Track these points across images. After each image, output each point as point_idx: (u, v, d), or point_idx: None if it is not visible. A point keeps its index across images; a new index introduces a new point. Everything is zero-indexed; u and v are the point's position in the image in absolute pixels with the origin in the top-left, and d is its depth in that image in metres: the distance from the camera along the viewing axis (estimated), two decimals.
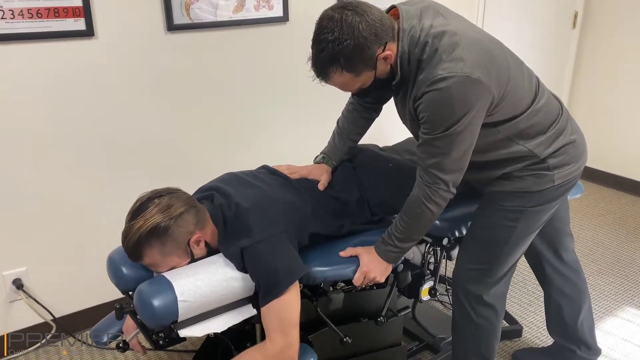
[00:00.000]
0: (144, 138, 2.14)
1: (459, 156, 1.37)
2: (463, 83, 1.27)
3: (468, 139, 1.35)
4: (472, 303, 1.64)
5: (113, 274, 1.46)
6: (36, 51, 1.84)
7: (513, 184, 1.50)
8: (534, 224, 1.57)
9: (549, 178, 1.49)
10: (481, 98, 1.30)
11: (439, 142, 1.34)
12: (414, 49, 1.34)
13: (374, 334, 1.74)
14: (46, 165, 1.97)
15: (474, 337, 1.69)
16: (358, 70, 1.32)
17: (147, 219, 1.33)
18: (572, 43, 3.57)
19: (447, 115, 1.30)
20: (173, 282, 1.30)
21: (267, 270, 1.34)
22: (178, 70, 2.14)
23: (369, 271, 1.50)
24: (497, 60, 1.36)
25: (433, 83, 1.28)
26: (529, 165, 1.48)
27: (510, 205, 1.52)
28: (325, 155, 1.73)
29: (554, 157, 1.48)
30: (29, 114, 1.89)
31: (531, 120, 1.45)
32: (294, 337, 1.35)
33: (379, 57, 1.32)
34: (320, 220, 1.53)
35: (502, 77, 1.35)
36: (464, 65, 1.27)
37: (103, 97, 2.00)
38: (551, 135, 1.48)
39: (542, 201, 1.52)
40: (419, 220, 1.46)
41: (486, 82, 1.29)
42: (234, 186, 1.54)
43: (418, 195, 1.43)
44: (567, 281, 1.84)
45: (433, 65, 1.29)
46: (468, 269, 1.63)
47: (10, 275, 2.01)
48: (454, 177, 1.40)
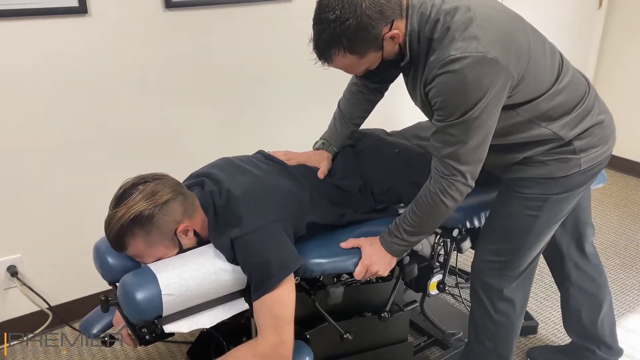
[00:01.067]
0: (140, 122, 2.05)
1: (477, 144, 1.26)
2: (478, 63, 1.16)
3: (486, 125, 1.24)
4: (492, 298, 1.55)
5: (98, 264, 1.39)
6: (25, 29, 1.76)
7: (535, 170, 1.39)
8: (558, 213, 1.46)
9: (575, 162, 1.38)
10: (498, 79, 1.19)
11: (455, 130, 1.23)
12: (424, 27, 1.23)
13: (378, 330, 1.65)
14: (40, 150, 1.90)
15: (491, 334, 1.60)
16: (362, 52, 1.23)
17: (130, 206, 1.25)
18: (598, 24, 3.40)
19: (462, 100, 1.20)
20: (157, 275, 1.21)
21: (259, 262, 1.26)
22: (176, 50, 2.04)
23: (372, 264, 1.41)
24: (516, 37, 1.25)
25: (445, 65, 1.18)
26: (553, 148, 1.37)
27: (533, 193, 1.42)
28: (325, 141, 1.64)
29: (580, 139, 1.37)
30: (19, 97, 1.82)
31: (554, 101, 1.33)
32: (288, 334, 1.27)
33: (385, 37, 1.22)
34: (319, 209, 1.44)
35: (521, 55, 1.24)
36: (479, 44, 1.16)
37: (97, 78, 1.92)
38: (577, 115, 1.36)
39: (567, 188, 1.41)
40: (433, 215, 1.37)
41: (504, 62, 1.18)
42: (226, 172, 1.46)
43: (434, 188, 1.32)
44: (587, 276, 1.73)
45: (445, 45, 1.19)
46: (487, 262, 1.53)
47: (4, 262, 1.96)
48: (473, 169, 1.29)
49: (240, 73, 2.21)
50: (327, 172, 1.56)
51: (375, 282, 1.59)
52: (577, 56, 3.40)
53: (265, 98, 2.31)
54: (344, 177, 1.55)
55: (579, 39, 3.39)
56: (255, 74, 2.25)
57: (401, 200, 1.57)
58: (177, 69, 2.06)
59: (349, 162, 1.59)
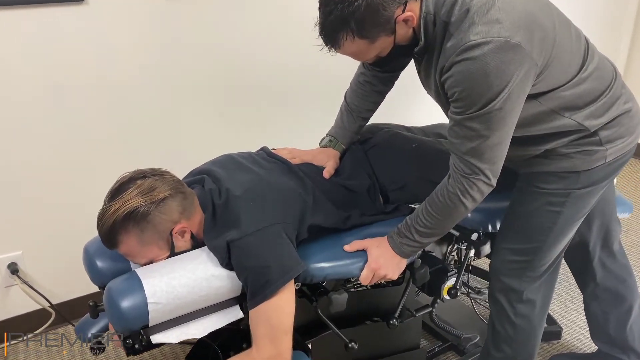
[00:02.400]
0: (140, 115, 1.98)
1: (499, 139, 1.16)
2: (501, 49, 1.06)
3: (509, 117, 1.14)
4: (511, 300, 1.45)
5: (87, 267, 1.34)
6: (19, 18, 1.69)
7: (557, 163, 1.30)
8: (581, 208, 1.36)
9: (601, 154, 1.28)
10: (522, 66, 1.10)
11: (475, 123, 1.13)
12: (441, 9, 1.14)
13: (387, 337, 1.55)
14: (41, 146, 1.85)
15: (511, 339, 1.50)
16: (373, 36, 1.13)
17: (125, 201, 1.18)
18: (631, 9, 3.22)
19: (483, 90, 1.10)
20: (143, 281, 1.14)
21: (257, 267, 1.17)
22: (177, 41, 1.96)
23: (379, 268, 1.31)
24: (541, 20, 1.14)
25: (464, 51, 1.08)
26: (577, 139, 1.27)
27: (554, 189, 1.32)
28: (332, 138, 1.54)
29: (606, 129, 1.27)
30: (15, 89, 1.76)
31: (579, 88, 1.23)
32: (286, 346, 1.19)
33: (398, 20, 1.12)
34: (322, 211, 1.35)
35: (546, 40, 1.14)
36: (501, 28, 1.07)
37: (94, 69, 1.85)
38: (603, 103, 1.26)
39: (591, 182, 1.31)
40: (450, 216, 1.27)
41: (527, 48, 1.09)
42: (227, 170, 1.38)
43: (453, 188, 1.22)
44: (615, 276, 1.61)
45: (464, 30, 1.09)
46: (507, 262, 1.44)
47: (5, 260, 1.92)
48: (495, 166, 1.20)
49: (245, 65, 2.12)
50: (334, 172, 1.47)
51: (385, 286, 1.49)
52: (608, 43, 3.24)
53: (272, 92, 2.22)
54: (352, 176, 1.46)
55: (611, 24, 3.22)
56: (261, 66, 2.16)
57: (417, 198, 1.46)
58: (178, 60, 1.98)
59: (358, 161, 1.50)
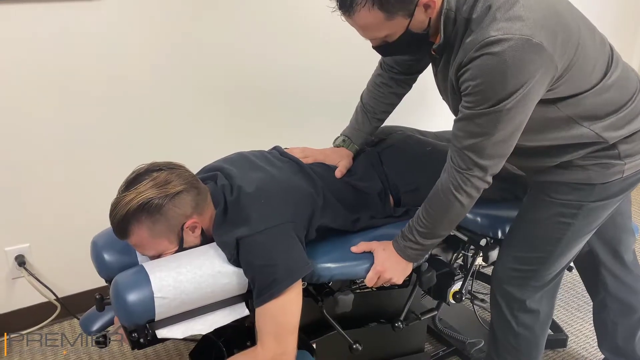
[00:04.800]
0: (153, 110, 1.99)
1: (503, 138, 1.14)
2: (521, 48, 1.04)
3: (518, 118, 1.12)
4: (514, 309, 1.42)
5: (95, 260, 1.35)
6: (34, 13, 1.70)
7: (572, 174, 1.27)
8: (592, 221, 1.33)
9: (618, 168, 1.24)
10: (541, 68, 1.07)
11: (483, 120, 1.11)
12: (462, 6, 1.11)
13: (391, 339, 1.55)
14: (49, 139, 1.86)
15: (513, 349, 1.47)
16: (391, 10, 1.09)
17: (139, 192, 1.19)
18: None
19: (498, 87, 1.07)
20: (151, 276, 1.14)
21: (265, 266, 1.18)
22: (192, 38, 1.97)
23: (385, 270, 1.31)
24: (566, 21, 1.12)
25: (484, 46, 1.05)
26: (594, 152, 1.24)
27: (567, 200, 1.29)
28: (346, 138, 1.53)
29: (626, 143, 1.24)
30: (27, 83, 1.77)
31: (601, 97, 1.20)
32: (290, 345, 1.19)
33: (420, 2, 1.09)
34: (331, 212, 1.35)
35: (570, 42, 1.11)
36: (524, 26, 1.04)
37: (107, 63, 1.86)
38: (625, 115, 1.22)
39: (605, 195, 1.28)
40: (446, 213, 1.25)
41: (549, 49, 1.06)
42: (239, 167, 1.38)
43: (446, 182, 1.21)
44: (626, 287, 1.58)
45: (485, 26, 1.07)
46: (511, 270, 1.41)
47: (12, 252, 1.93)
48: (494, 164, 1.17)
49: (256, 65, 2.12)
50: (347, 174, 1.46)
51: (390, 288, 1.48)
52: (623, 44, 3.16)
53: (283, 92, 2.22)
54: (364, 178, 1.45)
55: (624, 25, 3.18)
56: (275, 64, 2.15)
57: None
58: (189, 57, 1.99)
59: (371, 163, 1.50)
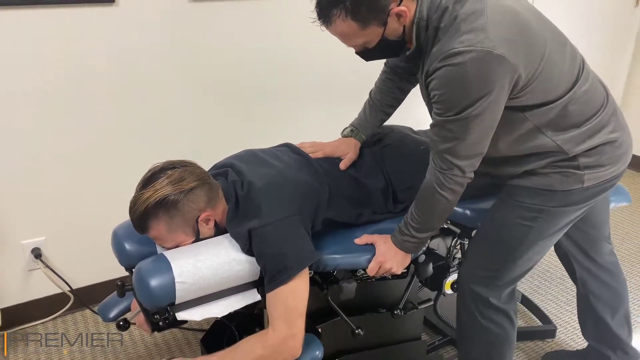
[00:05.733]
0: (163, 111, 2.08)
1: (475, 141, 1.21)
2: (483, 59, 1.09)
3: (487, 122, 1.18)
4: (479, 306, 1.47)
5: (116, 250, 1.42)
6: (56, 17, 1.79)
7: (535, 180, 1.33)
8: (553, 226, 1.38)
9: (577, 178, 1.30)
10: (504, 77, 1.13)
11: (453, 126, 1.18)
12: (433, 15, 1.17)
13: (391, 327, 1.64)
14: (65, 137, 1.94)
15: (482, 343, 1.53)
16: (365, 21, 1.16)
17: (156, 189, 1.27)
18: (634, 23, 3.30)
19: (461, 96, 1.14)
20: (172, 262, 1.23)
21: (275, 254, 1.26)
22: (199, 42, 2.06)
23: (385, 261, 1.40)
24: (531, 33, 1.17)
25: (447, 57, 1.11)
26: (555, 161, 1.29)
27: (530, 203, 1.35)
28: (354, 129, 1.60)
29: (587, 156, 1.29)
30: (47, 81, 1.85)
31: (567, 109, 1.25)
32: (299, 327, 1.28)
33: (392, 12, 1.16)
34: (336, 206, 1.43)
35: (534, 54, 1.17)
36: (486, 38, 1.09)
37: (122, 65, 1.95)
38: (587, 130, 1.27)
39: (566, 202, 1.34)
40: (434, 209, 1.33)
41: (511, 60, 1.11)
42: (248, 164, 1.46)
43: (430, 182, 1.29)
44: (602, 284, 1.67)
45: (450, 36, 1.12)
46: (476, 269, 1.47)
47: (29, 245, 2.01)
48: (471, 162, 1.25)
49: (264, 66, 2.21)
50: (353, 167, 1.53)
51: (390, 279, 1.58)
52: (611, 56, 3.31)
53: (291, 91, 2.31)
54: (369, 175, 1.52)
55: (614, 38, 3.28)
56: (280, 67, 2.24)
57: None
58: (200, 60, 2.07)
59: (376, 160, 1.56)
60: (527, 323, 2.13)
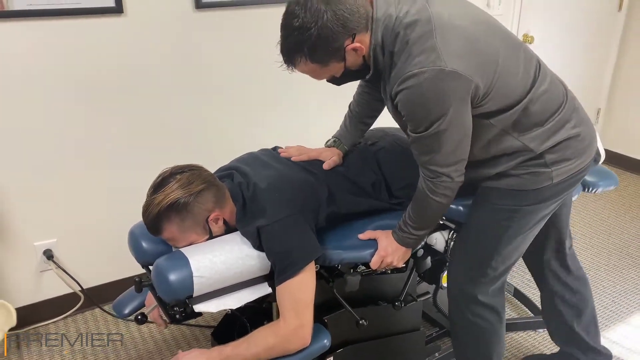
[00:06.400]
0: (171, 116, 2.16)
1: (451, 149, 1.28)
2: (436, 77, 1.17)
3: (456, 132, 1.26)
4: (468, 303, 1.56)
5: (133, 248, 1.49)
6: (67, 27, 1.87)
7: (508, 181, 1.40)
8: (529, 222, 1.46)
9: (547, 175, 1.37)
10: (460, 90, 1.20)
11: (426, 140, 1.27)
12: (387, 40, 1.24)
13: (392, 318, 1.73)
14: (75, 143, 2.01)
15: (472, 338, 1.62)
16: (324, 61, 1.26)
17: (167, 193, 1.35)
18: (617, 27, 3.41)
19: (424, 114, 1.22)
20: (189, 258, 1.31)
21: (282, 250, 1.35)
22: (206, 49, 2.14)
23: (387, 255, 1.48)
24: (480, 46, 1.24)
25: (404, 81, 1.20)
26: (524, 161, 1.36)
27: (504, 204, 1.43)
28: (336, 140, 1.68)
29: (552, 152, 1.36)
30: (59, 87, 1.93)
31: (528, 110, 1.32)
32: (307, 318, 1.36)
33: (347, 49, 1.24)
34: (335, 201, 1.51)
35: (487, 64, 1.24)
36: (437, 57, 1.16)
37: (132, 72, 2.03)
38: (550, 127, 1.35)
39: (539, 200, 1.41)
40: (429, 212, 1.42)
41: (465, 73, 1.19)
42: (252, 166, 1.55)
43: (422, 189, 1.37)
44: (571, 291, 1.72)
45: (403, 60, 1.20)
46: (461, 268, 1.56)
47: (41, 246, 2.08)
48: (455, 169, 1.32)
49: (266, 72, 2.28)
50: (344, 168, 1.60)
51: (390, 273, 1.67)
52: (596, 59, 3.42)
53: (292, 97, 2.39)
54: (359, 173, 1.59)
55: (598, 42, 3.40)
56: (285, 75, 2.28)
57: None
58: (206, 66, 2.16)
59: (365, 159, 1.64)
60: (519, 315, 2.23)
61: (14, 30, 1.80)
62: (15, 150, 1.93)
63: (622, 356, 1.99)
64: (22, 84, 1.87)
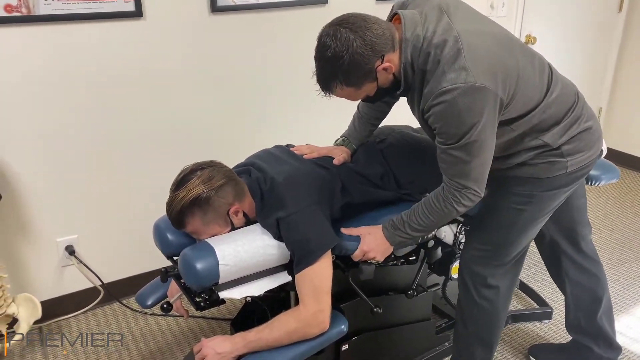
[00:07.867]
0: (187, 116, 2.23)
1: (480, 162, 1.36)
2: (467, 93, 1.26)
3: (485, 144, 1.34)
4: (476, 284, 1.63)
5: (158, 240, 1.56)
6: (90, 31, 1.95)
7: (525, 170, 1.49)
8: (543, 208, 1.55)
9: (562, 165, 1.47)
10: (488, 104, 1.29)
11: (456, 152, 1.34)
12: (417, 59, 1.33)
13: (404, 308, 1.80)
14: (95, 142, 2.08)
15: (475, 319, 1.69)
16: (358, 84, 1.34)
17: (189, 189, 1.42)
18: (618, 28, 3.48)
19: (457, 127, 1.30)
20: (215, 247, 1.38)
21: (300, 240, 1.41)
22: (221, 51, 2.21)
23: (369, 250, 1.53)
24: (504, 60, 1.33)
25: (438, 96, 1.28)
26: (542, 152, 1.46)
27: (520, 190, 1.52)
28: (345, 139, 1.75)
29: (568, 144, 1.46)
30: (80, 88, 2.00)
31: (545, 113, 1.42)
32: (326, 303, 1.42)
33: (378, 69, 1.32)
34: (348, 192, 1.58)
35: (509, 77, 1.33)
36: (467, 75, 1.25)
37: (151, 73, 2.10)
38: (566, 124, 1.46)
39: (553, 187, 1.51)
40: (444, 218, 1.47)
41: (492, 88, 1.28)
42: (268, 162, 1.62)
43: (446, 198, 1.42)
44: (586, 273, 1.80)
45: (437, 78, 1.29)
46: (475, 250, 1.63)
47: (63, 242, 2.15)
48: (480, 182, 1.40)
49: (280, 74, 2.37)
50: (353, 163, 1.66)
51: (402, 264, 1.74)
52: (597, 59, 3.49)
53: (306, 99, 2.45)
54: (367, 167, 1.65)
55: (599, 42, 3.46)
56: (294, 75, 2.39)
57: (427, 191, 1.66)
58: (221, 67, 2.23)
59: (372, 154, 1.70)
60: (525, 307, 2.30)
61: (40, 34, 1.87)
62: (38, 150, 2.00)
63: (625, 345, 2.05)
64: (46, 85, 1.94)
